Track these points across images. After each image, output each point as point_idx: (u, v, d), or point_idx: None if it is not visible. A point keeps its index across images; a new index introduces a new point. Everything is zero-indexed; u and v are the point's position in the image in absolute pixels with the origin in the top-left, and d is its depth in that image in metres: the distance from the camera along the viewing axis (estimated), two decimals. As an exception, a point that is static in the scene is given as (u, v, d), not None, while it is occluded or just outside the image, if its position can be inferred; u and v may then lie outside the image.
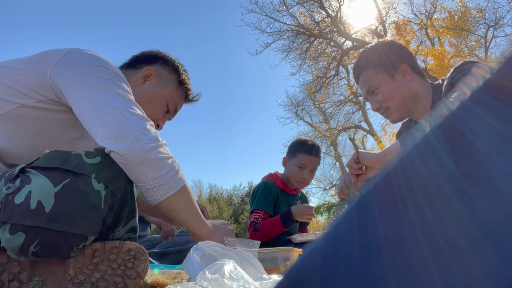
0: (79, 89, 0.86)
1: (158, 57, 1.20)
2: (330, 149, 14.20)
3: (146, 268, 0.80)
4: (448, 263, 0.19)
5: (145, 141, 0.82)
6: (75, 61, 0.90)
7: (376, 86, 1.45)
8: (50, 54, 0.92)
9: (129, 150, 0.80)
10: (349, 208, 0.24)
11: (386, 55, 1.46)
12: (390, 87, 1.43)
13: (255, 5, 11.56)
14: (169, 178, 0.86)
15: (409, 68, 1.43)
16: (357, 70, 1.53)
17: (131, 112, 0.85)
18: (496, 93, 0.21)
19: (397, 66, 1.43)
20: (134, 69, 1.16)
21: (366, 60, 1.49)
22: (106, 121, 0.82)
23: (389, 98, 1.43)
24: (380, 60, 1.45)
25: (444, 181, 0.20)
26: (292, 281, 0.25)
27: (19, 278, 0.76)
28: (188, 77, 1.24)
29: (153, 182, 0.85)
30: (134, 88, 1.09)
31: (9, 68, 0.92)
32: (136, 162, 0.81)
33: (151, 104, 1.13)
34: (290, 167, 2.26)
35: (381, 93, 1.44)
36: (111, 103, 0.84)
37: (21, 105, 0.88)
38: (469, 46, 11.87)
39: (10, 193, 0.71)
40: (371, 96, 1.49)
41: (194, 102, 1.30)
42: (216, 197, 22.98)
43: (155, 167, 0.84)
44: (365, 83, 1.49)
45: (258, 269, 0.86)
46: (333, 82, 12.94)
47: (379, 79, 1.44)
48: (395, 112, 1.46)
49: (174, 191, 0.88)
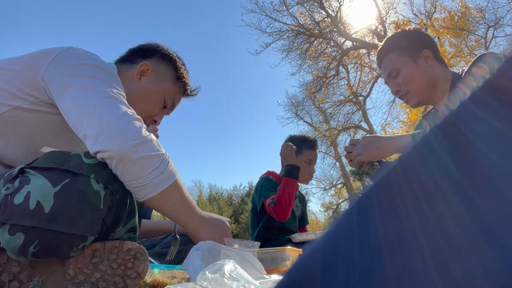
0: (68, 92, 0.84)
1: (155, 51, 1.17)
2: (330, 149, 14.21)
3: (146, 268, 0.80)
4: (448, 263, 0.19)
5: (127, 138, 0.78)
6: (66, 61, 0.89)
7: (398, 69, 1.47)
8: (43, 54, 0.91)
9: (112, 150, 0.77)
10: (349, 208, 0.24)
11: (410, 40, 1.50)
12: (411, 69, 1.45)
13: (255, 5, 11.57)
14: (152, 178, 0.82)
15: (431, 54, 1.46)
16: (380, 54, 1.55)
17: (113, 109, 0.82)
18: (496, 93, 0.21)
19: (420, 50, 1.46)
20: (131, 64, 1.13)
21: (390, 44, 1.52)
22: (90, 122, 0.80)
23: (409, 81, 1.45)
24: (404, 44, 1.49)
25: (444, 181, 0.20)
26: (292, 281, 0.25)
27: (19, 278, 0.76)
28: (186, 71, 1.21)
29: (135, 182, 0.81)
30: (130, 83, 1.07)
31: (1, 68, 0.90)
32: (116, 161, 0.78)
33: (147, 100, 1.11)
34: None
35: (402, 75, 1.45)
36: (97, 103, 0.82)
37: (14, 107, 0.87)
38: (469, 46, 11.86)
39: (9, 193, 0.71)
40: (391, 79, 1.50)
41: (192, 96, 1.26)
42: (216, 197, 22.98)
43: (137, 166, 0.80)
44: (387, 66, 1.50)
45: (258, 269, 0.86)
46: (333, 82, 12.95)
47: (401, 61, 1.46)
48: (414, 96, 1.47)
49: (158, 190, 0.84)
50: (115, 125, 0.79)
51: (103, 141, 0.78)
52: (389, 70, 1.49)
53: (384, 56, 1.52)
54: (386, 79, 1.54)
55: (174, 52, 1.20)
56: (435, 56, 1.47)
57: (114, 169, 0.80)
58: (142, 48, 1.17)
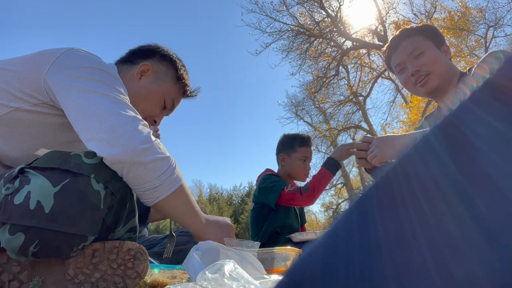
0: (71, 94, 0.84)
1: (156, 51, 1.17)
2: (330, 149, 14.20)
3: (146, 268, 0.80)
4: (448, 263, 0.19)
5: (137, 143, 0.80)
6: (69, 63, 0.89)
7: (423, 50, 1.46)
8: (45, 56, 0.90)
9: (121, 154, 0.77)
10: (349, 208, 0.24)
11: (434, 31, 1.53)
12: (437, 53, 1.47)
13: (255, 5, 11.58)
14: (164, 179, 0.84)
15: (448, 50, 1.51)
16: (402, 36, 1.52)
17: (122, 114, 0.83)
18: (496, 93, 0.21)
19: (441, 43, 1.50)
20: (131, 64, 1.13)
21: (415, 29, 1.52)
22: (95, 125, 0.80)
23: (434, 62, 1.44)
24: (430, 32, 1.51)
25: (444, 181, 0.20)
26: (293, 281, 0.25)
27: (19, 278, 0.76)
28: (186, 72, 1.21)
29: (147, 184, 0.82)
30: (130, 84, 1.07)
31: (2, 69, 0.90)
32: (129, 165, 0.78)
33: (147, 100, 1.11)
34: (292, 162, 2.28)
35: (427, 56, 1.45)
36: (101, 106, 0.82)
37: (15, 108, 0.87)
38: (469, 46, 11.86)
39: (9, 193, 0.71)
40: (411, 60, 1.47)
41: (192, 97, 1.26)
42: (216, 197, 22.99)
43: (149, 169, 0.81)
44: (409, 45, 1.48)
45: (258, 269, 0.86)
46: (333, 82, 12.95)
47: (427, 44, 1.47)
48: (435, 78, 1.44)
49: (169, 192, 0.86)
50: (126, 130, 0.80)
51: (114, 146, 0.78)
52: (412, 50, 1.47)
53: (407, 38, 1.50)
54: (405, 58, 1.49)
55: (174, 53, 1.21)
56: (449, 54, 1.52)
57: (125, 174, 0.80)
58: (142, 49, 1.17)
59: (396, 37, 1.56)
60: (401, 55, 1.51)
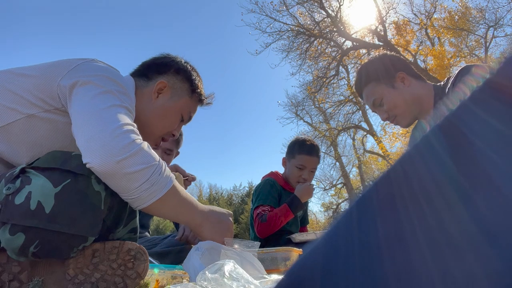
0: (75, 99, 0.85)
1: (170, 65, 1.17)
2: (330, 149, 14.19)
3: (146, 268, 0.80)
4: (448, 263, 0.19)
5: (113, 154, 0.76)
6: (83, 71, 0.89)
7: (380, 97, 1.56)
8: (63, 64, 0.91)
9: (97, 165, 0.76)
10: (349, 208, 0.24)
11: (382, 67, 1.58)
12: (392, 95, 1.53)
13: (255, 5, 11.57)
14: (143, 191, 0.80)
15: (406, 75, 1.55)
16: (358, 87, 1.65)
17: (110, 123, 0.80)
18: (496, 93, 0.21)
19: (394, 75, 1.55)
20: (147, 80, 1.12)
21: (365, 76, 1.60)
22: (82, 132, 0.80)
23: (393, 106, 1.54)
24: (378, 73, 1.57)
25: (444, 181, 0.20)
26: (293, 281, 0.25)
27: (19, 278, 0.76)
28: (201, 82, 1.22)
29: (125, 195, 0.80)
30: (147, 104, 1.08)
31: (18, 75, 0.90)
32: (104, 176, 0.77)
33: (166, 118, 1.12)
34: (289, 168, 2.26)
35: (385, 103, 1.55)
36: (94, 114, 0.81)
37: (28, 115, 0.87)
38: (469, 46, 11.86)
39: (10, 193, 0.71)
40: (377, 108, 1.60)
41: (208, 105, 1.28)
42: (216, 197, 22.99)
43: (126, 180, 0.78)
44: (368, 97, 1.60)
45: (258, 269, 0.86)
46: (333, 82, 12.94)
47: (380, 90, 1.55)
48: (403, 118, 1.56)
49: (152, 201, 0.83)
50: (102, 139, 0.77)
51: (88, 155, 0.77)
52: (373, 101, 1.58)
53: (363, 88, 1.61)
54: (372, 109, 1.63)
55: (187, 62, 1.21)
56: (410, 75, 1.55)
57: (106, 182, 0.79)
58: (157, 63, 1.17)
59: (355, 89, 1.69)
60: (368, 105, 1.65)
